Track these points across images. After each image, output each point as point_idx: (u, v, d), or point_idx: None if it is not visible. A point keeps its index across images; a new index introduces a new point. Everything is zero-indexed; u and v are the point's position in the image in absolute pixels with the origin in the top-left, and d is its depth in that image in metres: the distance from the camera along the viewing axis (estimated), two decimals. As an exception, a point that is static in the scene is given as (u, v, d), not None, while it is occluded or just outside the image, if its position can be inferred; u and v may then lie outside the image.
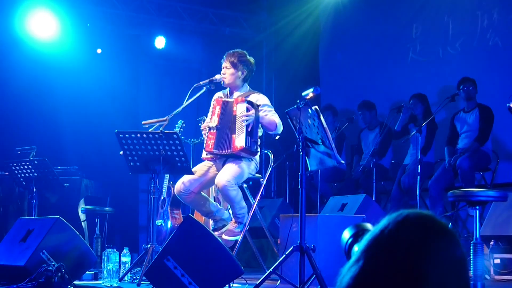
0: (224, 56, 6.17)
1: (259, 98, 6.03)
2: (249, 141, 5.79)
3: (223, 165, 5.94)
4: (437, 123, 8.44)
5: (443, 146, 8.35)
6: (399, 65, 9.70)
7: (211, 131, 5.90)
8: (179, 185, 6.00)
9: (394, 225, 1.41)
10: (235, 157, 5.91)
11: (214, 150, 5.87)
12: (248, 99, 5.93)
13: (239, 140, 5.79)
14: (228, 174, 5.77)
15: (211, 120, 5.96)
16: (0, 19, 9.45)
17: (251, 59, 6.19)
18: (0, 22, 9.45)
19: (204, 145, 5.97)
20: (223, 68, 6.13)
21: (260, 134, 6.06)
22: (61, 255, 5.34)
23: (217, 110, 5.94)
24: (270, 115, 5.95)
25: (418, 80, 9.29)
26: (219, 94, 6.28)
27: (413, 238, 1.39)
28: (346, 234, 1.75)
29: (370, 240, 1.42)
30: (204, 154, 6.08)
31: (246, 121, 5.77)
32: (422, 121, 8.28)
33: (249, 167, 5.97)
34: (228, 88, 6.22)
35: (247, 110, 5.80)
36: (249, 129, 5.81)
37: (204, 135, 6.09)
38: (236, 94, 6.14)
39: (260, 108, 5.92)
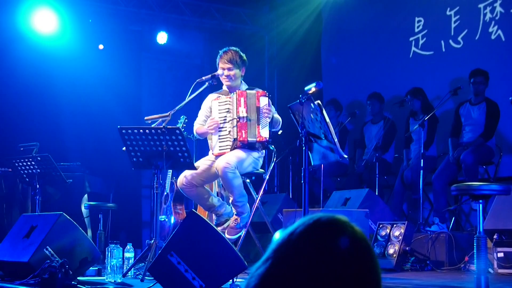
0: (220, 55, 6.13)
1: None
2: (270, 134, 5.96)
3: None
4: (439, 116, 8.44)
5: (445, 140, 8.35)
6: (402, 59, 9.69)
7: (241, 121, 5.93)
8: (181, 179, 6.02)
9: (304, 227, 1.41)
10: (243, 146, 5.95)
11: (248, 140, 5.92)
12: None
13: (264, 132, 5.96)
14: (228, 157, 5.82)
15: (238, 111, 5.96)
16: (6, 17, 9.46)
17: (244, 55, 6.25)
18: (5, 20, 9.46)
19: (235, 136, 5.95)
20: (224, 69, 6.09)
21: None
22: (65, 251, 5.33)
23: (243, 101, 5.96)
24: (273, 112, 6.11)
25: (420, 74, 9.28)
26: (214, 94, 6.26)
27: (319, 241, 1.38)
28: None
29: (280, 241, 1.41)
30: (217, 151, 6.03)
31: (269, 118, 5.94)
32: (422, 115, 8.27)
33: (254, 159, 6.00)
34: (224, 87, 6.23)
35: (269, 105, 5.95)
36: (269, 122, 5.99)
37: (212, 132, 6.05)
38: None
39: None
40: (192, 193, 6.09)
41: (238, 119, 5.94)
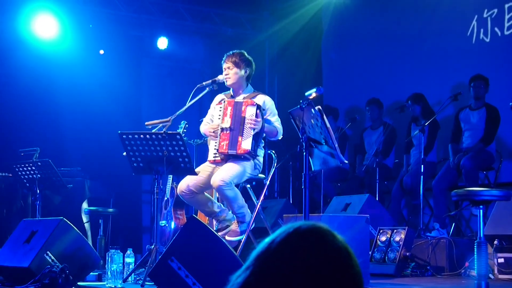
0: (224, 58, 6.17)
1: (265, 100, 6.08)
2: (253, 145, 5.84)
3: (225, 166, 5.95)
4: (440, 121, 8.43)
5: (445, 146, 8.35)
6: (402, 64, 9.69)
7: (224, 132, 5.90)
8: (182, 186, 6.00)
9: (284, 236, 1.41)
10: (236, 157, 5.92)
11: (228, 151, 5.87)
12: (255, 100, 5.96)
13: (246, 143, 5.82)
14: (224, 173, 5.77)
15: (223, 121, 5.95)
16: (6, 22, 9.47)
17: (251, 59, 6.22)
18: (6, 25, 9.47)
19: (217, 147, 5.94)
20: (225, 69, 6.13)
21: (263, 136, 6.09)
22: (65, 256, 5.34)
23: (229, 111, 5.94)
24: (273, 121, 6.04)
25: (421, 79, 9.27)
26: (221, 96, 6.27)
27: (299, 249, 1.37)
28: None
29: (260, 249, 1.42)
30: (211, 157, 6.05)
31: (254, 129, 5.82)
32: (423, 120, 8.27)
33: (249, 168, 5.97)
34: (231, 89, 6.22)
35: (256, 115, 5.82)
36: (254, 134, 5.85)
37: (210, 137, 6.07)
38: (241, 96, 6.14)
39: (263, 110, 5.96)
40: (192, 200, 6.08)
41: (221, 130, 5.94)
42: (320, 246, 1.39)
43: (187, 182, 5.98)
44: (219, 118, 6.03)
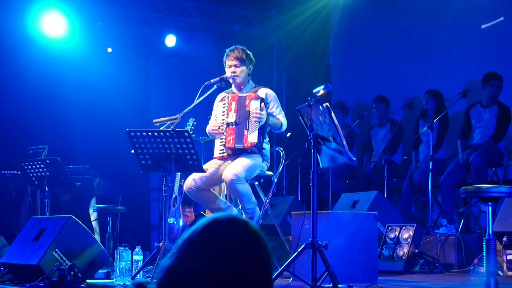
0: (227, 54, 6.15)
1: (268, 93, 6.12)
2: (259, 138, 5.86)
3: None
4: (449, 117, 8.39)
5: (454, 143, 8.32)
6: (412, 60, 9.66)
7: (230, 126, 5.92)
8: (189, 182, 6.01)
9: (204, 225, 1.64)
10: (246, 153, 5.93)
11: (235, 145, 5.89)
12: (257, 94, 5.98)
13: (252, 137, 5.85)
14: (236, 168, 5.79)
15: (228, 116, 5.97)
16: (15, 20, 9.49)
17: (251, 53, 6.23)
18: (14, 24, 9.49)
19: (224, 142, 5.96)
20: (231, 66, 6.11)
21: (268, 130, 6.11)
22: (74, 254, 5.35)
23: (233, 105, 5.96)
24: (277, 113, 6.05)
25: (430, 76, 9.25)
26: (222, 94, 6.28)
27: (217, 236, 1.61)
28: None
29: (184, 237, 1.64)
30: (217, 153, 6.06)
31: (259, 122, 5.82)
32: (433, 117, 8.24)
33: (259, 163, 5.99)
34: (233, 86, 6.23)
35: (260, 109, 5.84)
36: (259, 126, 5.86)
37: (216, 134, 6.08)
38: (243, 91, 6.16)
39: (267, 103, 5.98)
40: (199, 197, 6.09)
41: (227, 125, 5.95)
42: (235, 232, 1.62)
43: (194, 179, 5.99)
44: (223, 114, 6.05)
